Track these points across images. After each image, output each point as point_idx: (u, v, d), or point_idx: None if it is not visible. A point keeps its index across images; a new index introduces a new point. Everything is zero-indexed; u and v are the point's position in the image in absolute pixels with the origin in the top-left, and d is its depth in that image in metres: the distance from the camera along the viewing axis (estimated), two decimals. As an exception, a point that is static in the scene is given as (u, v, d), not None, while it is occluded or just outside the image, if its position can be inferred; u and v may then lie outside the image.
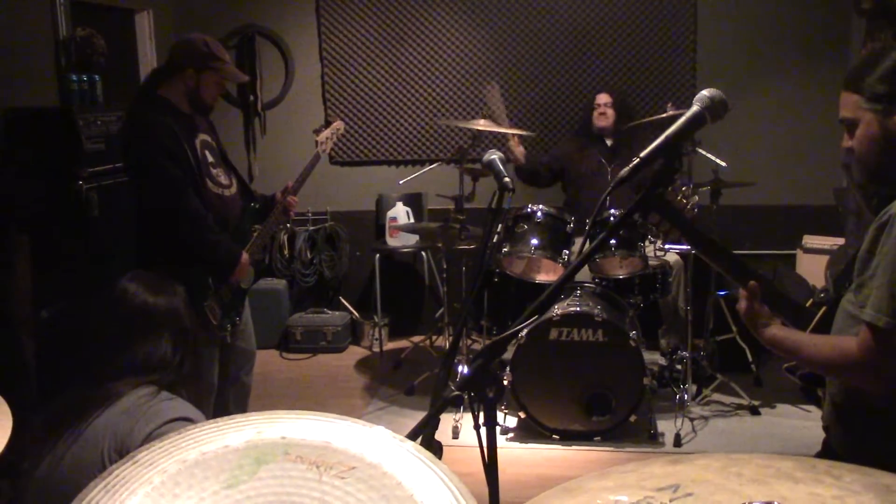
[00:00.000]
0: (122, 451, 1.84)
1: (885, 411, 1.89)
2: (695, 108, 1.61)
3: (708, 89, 1.61)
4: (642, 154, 1.55)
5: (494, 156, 2.15)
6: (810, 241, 5.61)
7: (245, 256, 3.57)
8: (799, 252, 5.68)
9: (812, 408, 4.59)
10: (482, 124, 4.80)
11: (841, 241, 5.28)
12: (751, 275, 2.02)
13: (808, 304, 2.17)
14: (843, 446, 2.02)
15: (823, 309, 2.08)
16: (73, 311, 4.08)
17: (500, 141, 5.69)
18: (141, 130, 3.46)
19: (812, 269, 5.38)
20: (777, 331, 1.99)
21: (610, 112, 5.19)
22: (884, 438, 1.90)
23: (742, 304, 2.03)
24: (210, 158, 3.58)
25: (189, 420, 1.94)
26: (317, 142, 3.99)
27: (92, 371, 2.07)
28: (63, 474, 1.87)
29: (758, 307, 2.00)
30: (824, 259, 5.27)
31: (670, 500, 0.84)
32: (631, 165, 1.54)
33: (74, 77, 4.61)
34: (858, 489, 0.85)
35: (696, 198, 2.03)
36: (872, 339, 1.78)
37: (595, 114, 5.21)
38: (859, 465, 0.92)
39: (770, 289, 2.03)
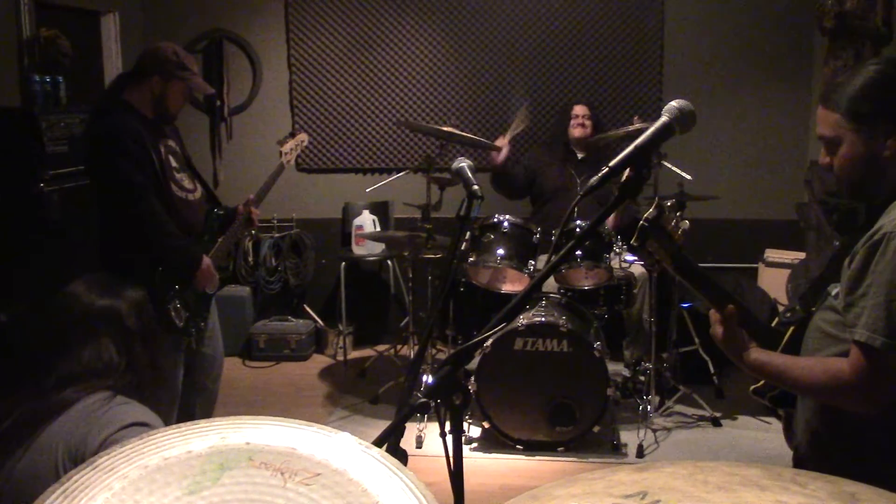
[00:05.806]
0: (76, 458, 1.77)
1: (863, 432, 1.86)
2: (664, 118, 1.61)
3: (677, 100, 1.62)
4: (611, 163, 1.55)
5: (464, 163, 2.14)
6: (772, 255, 5.69)
7: (206, 260, 3.55)
8: (761, 266, 5.75)
9: (772, 419, 4.64)
10: (448, 129, 4.81)
11: (802, 255, 5.36)
12: (728, 298, 1.98)
13: (773, 324, 2.14)
14: (816, 468, 2.00)
15: (791, 329, 2.05)
16: (33, 315, 4.01)
17: (468, 149, 5.71)
18: (104, 132, 3.42)
19: (774, 282, 5.45)
20: (759, 355, 1.94)
21: (588, 123, 5.23)
22: (859, 460, 1.86)
23: (718, 330, 1.98)
24: (174, 163, 3.56)
25: (146, 425, 1.86)
26: (281, 152, 3.99)
27: (34, 380, 1.95)
28: (16, 484, 1.81)
29: (737, 332, 1.96)
30: (786, 273, 5.34)
31: (638, 508, 0.84)
32: (600, 174, 1.53)
33: (37, 78, 4.55)
34: (824, 497, 0.85)
35: (687, 223, 2.00)
36: (866, 360, 1.74)
37: (573, 124, 5.24)
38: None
39: (743, 312, 1.99)
